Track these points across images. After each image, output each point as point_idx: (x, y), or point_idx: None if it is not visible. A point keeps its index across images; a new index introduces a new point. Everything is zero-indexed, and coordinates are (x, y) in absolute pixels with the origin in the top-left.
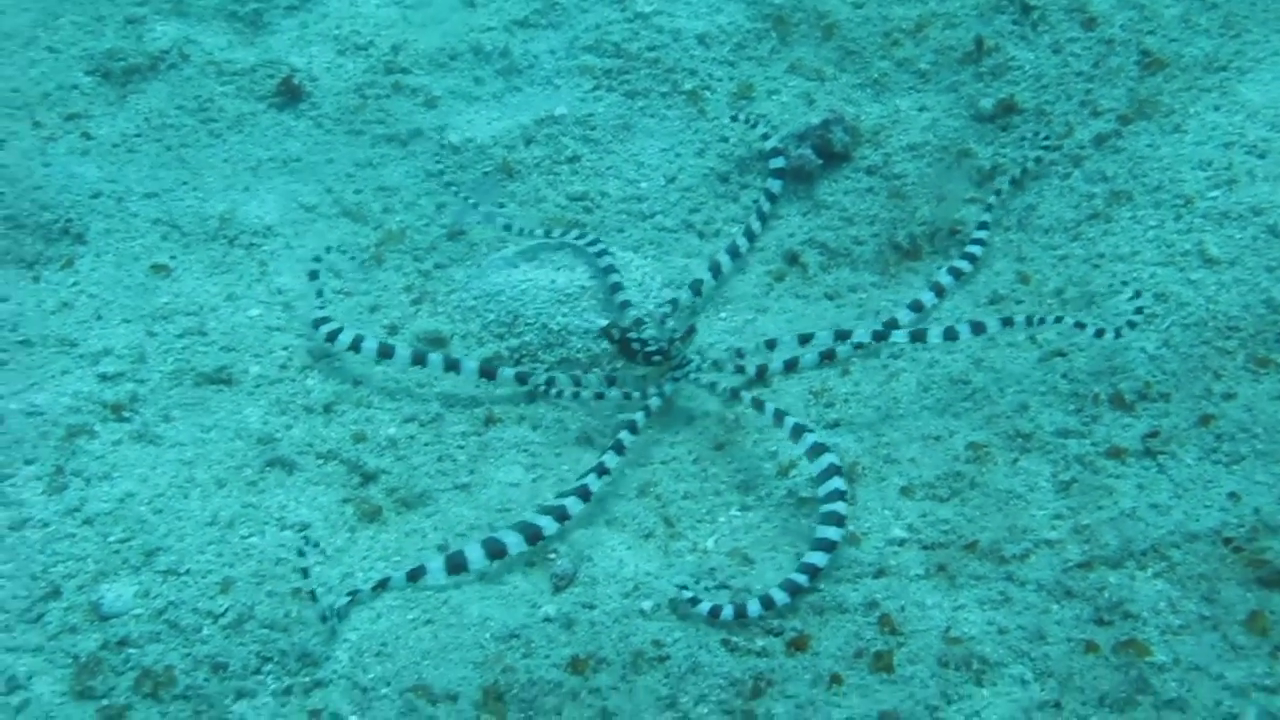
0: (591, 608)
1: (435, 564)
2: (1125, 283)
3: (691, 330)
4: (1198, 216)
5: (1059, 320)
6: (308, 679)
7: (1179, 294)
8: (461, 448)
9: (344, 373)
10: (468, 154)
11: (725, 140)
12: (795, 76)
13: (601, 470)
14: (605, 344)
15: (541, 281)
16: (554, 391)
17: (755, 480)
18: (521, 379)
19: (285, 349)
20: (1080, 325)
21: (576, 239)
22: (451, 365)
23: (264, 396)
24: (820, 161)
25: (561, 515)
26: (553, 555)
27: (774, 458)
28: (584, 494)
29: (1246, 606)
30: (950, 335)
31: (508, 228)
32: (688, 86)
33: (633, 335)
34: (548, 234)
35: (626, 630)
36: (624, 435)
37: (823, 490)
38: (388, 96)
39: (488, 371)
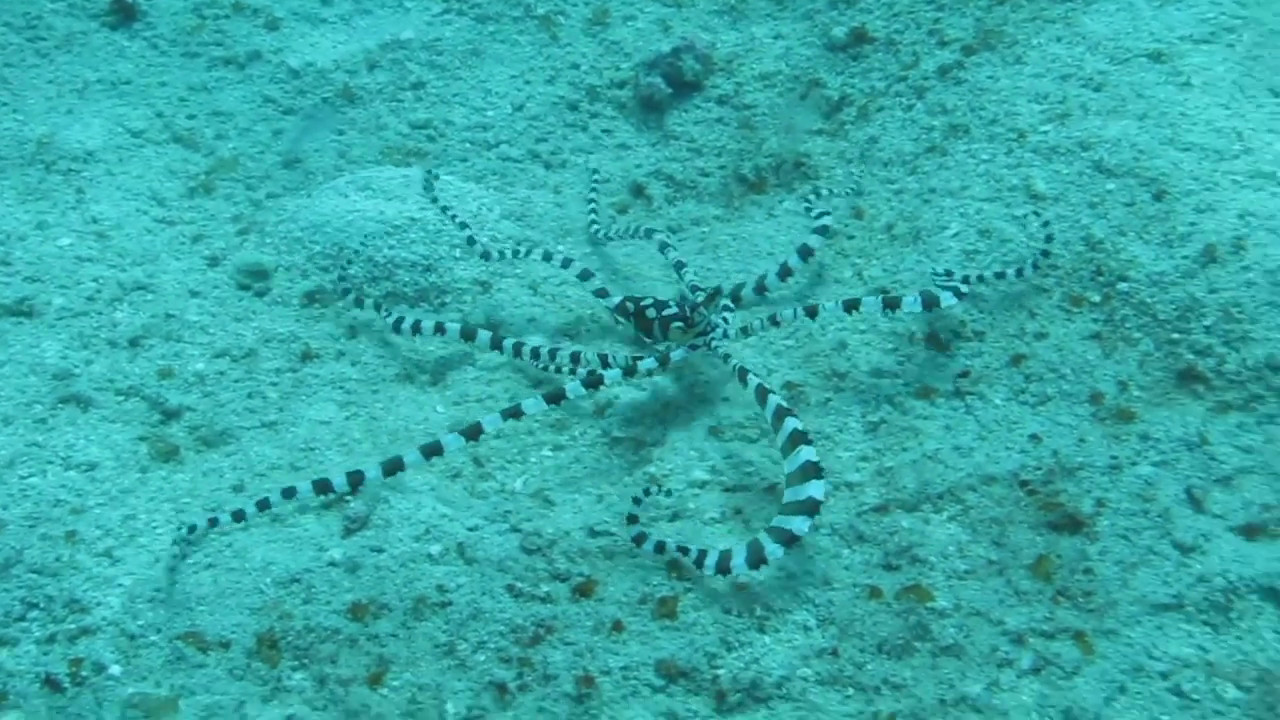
0: (380, 551)
1: None
2: (951, 219)
3: (715, 294)
4: (1029, 151)
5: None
6: (74, 626)
7: (1002, 230)
8: (274, 385)
9: (156, 305)
10: (307, 79)
11: (576, 67)
12: (652, 2)
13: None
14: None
15: (369, 213)
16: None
17: (571, 419)
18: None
19: (95, 280)
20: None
21: (642, 233)
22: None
23: (66, 330)
24: (670, 90)
25: None
26: (349, 498)
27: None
28: None
29: (1034, 551)
30: (891, 304)
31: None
32: (541, 11)
33: (647, 304)
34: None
35: (412, 575)
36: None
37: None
38: (227, 17)
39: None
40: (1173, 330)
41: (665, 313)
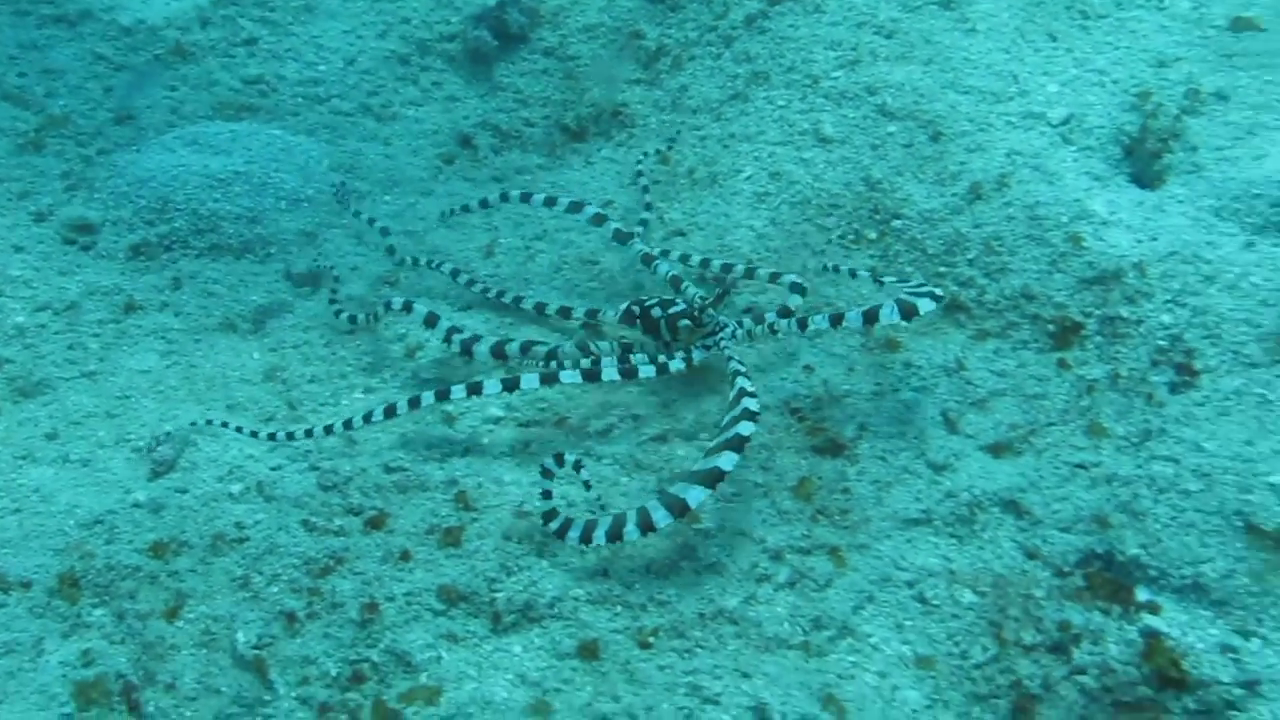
0: (184, 492)
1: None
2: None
3: (724, 294)
4: (820, 96)
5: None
6: None
7: (790, 172)
8: (96, 336)
9: None
10: (139, 36)
11: (407, 22)
12: None
13: None
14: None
15: (194, 167)
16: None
17: (383, 363)
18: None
19: None
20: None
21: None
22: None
23: None
24: (497, 43)
25: None
26: (157, 442)
27: (403, 340)
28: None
29: (798, 473)
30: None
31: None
32: None
33: (651, 304)
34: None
35: (213, 514)
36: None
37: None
38: None
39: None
40: (940, 264)
41: (671, 311)
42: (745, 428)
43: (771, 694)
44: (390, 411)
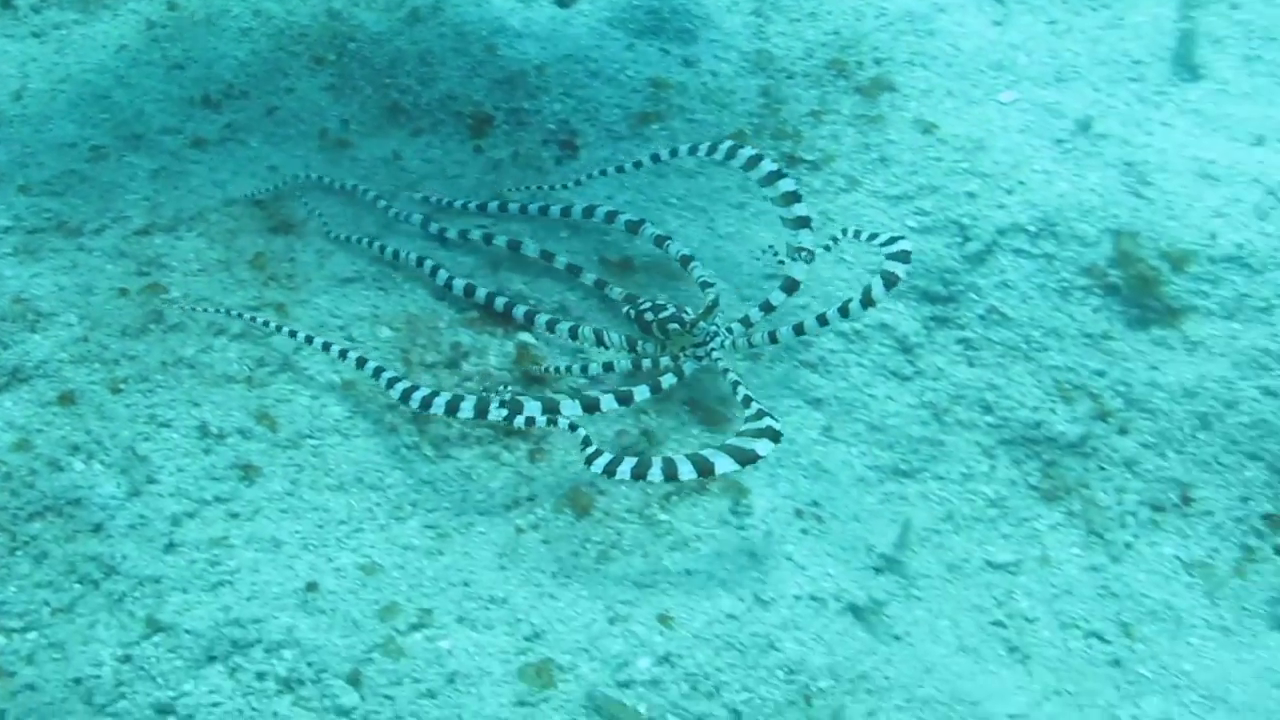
0: None
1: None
2: None
3: (713, 305)
4: None
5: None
6: None
7: (269, 10)
8: None
9: None
10: None
11: None
12: None
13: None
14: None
15: None
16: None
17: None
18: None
19: None
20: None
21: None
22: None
23: None
24: None
25: None
26: None
27: None
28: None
29: (255, 249)
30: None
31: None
32: None
33: (645, 306)
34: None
35: None
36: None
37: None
38: None
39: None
40: (385, 76)
41: (662, 315)
42: (763, 446)
43: (214, 415)
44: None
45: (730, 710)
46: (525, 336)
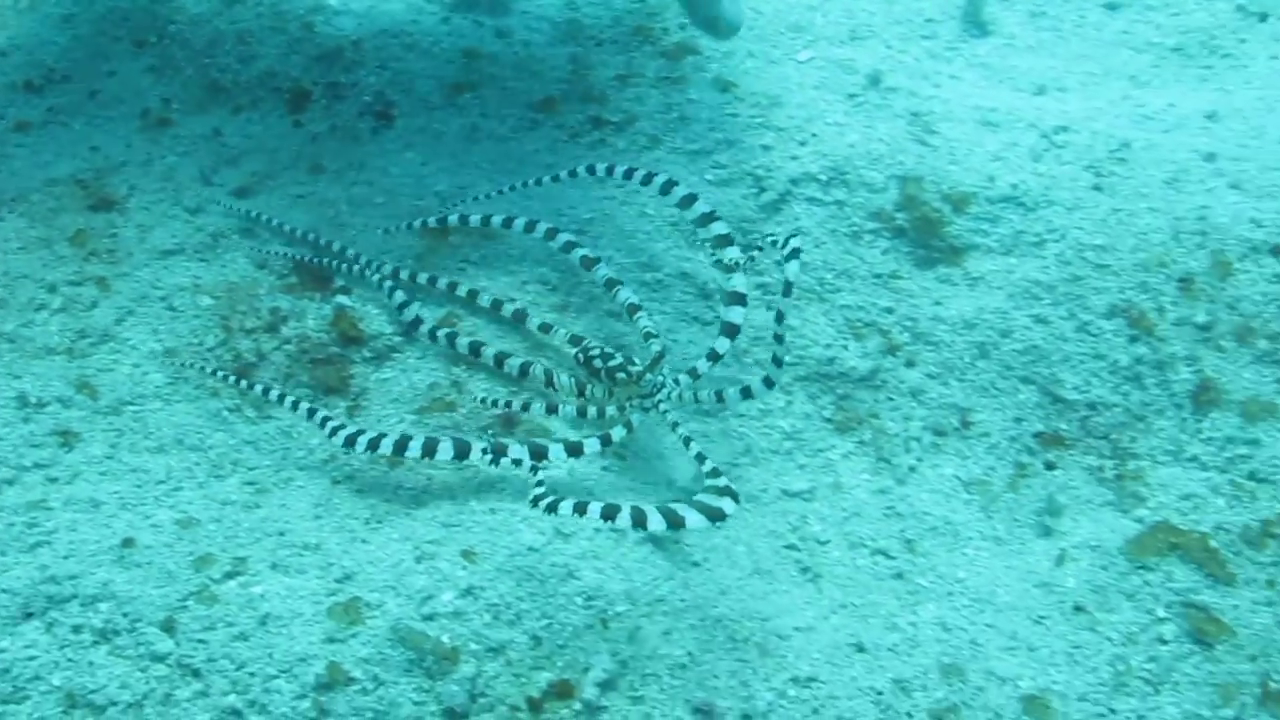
0: None
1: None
2: None
3: (660, 356)
4: None
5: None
6: None
7: None
8: None
9: None
10: None
11: None
12: None
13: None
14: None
15: None
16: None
17: None
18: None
19: None
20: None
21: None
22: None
23: None
24: None
25: None
26: None
27: None
28: None
29: (76, 226)
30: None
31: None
32: None
33: (594, 353)
34: None
35: None
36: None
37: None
38: None
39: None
40: (205, 56)
41: (611, 363)
42: (728, 505)
43: (33, 385)
44: None
45: (531, 636)
46: (343, 299)
